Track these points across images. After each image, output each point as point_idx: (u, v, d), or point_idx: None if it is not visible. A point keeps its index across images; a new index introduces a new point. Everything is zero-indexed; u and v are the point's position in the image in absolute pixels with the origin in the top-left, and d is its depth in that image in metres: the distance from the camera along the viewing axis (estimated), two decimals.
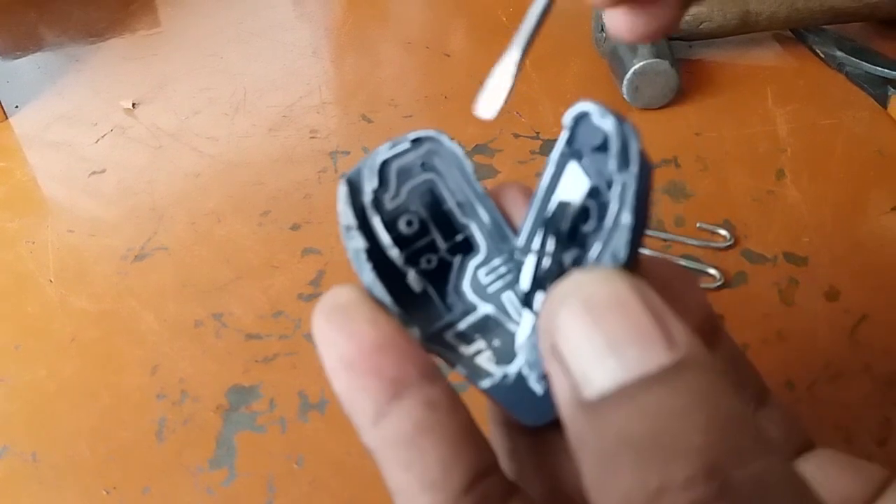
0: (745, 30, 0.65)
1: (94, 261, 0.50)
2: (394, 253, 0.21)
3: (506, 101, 0.21)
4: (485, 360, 0.20)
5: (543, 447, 0.21)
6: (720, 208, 0.51)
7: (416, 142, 0.21)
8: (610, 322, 0.15)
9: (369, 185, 0.21)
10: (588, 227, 0.19)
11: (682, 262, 0.46)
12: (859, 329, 0.42)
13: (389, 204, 0.21)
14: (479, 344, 0.20)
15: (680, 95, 0.60)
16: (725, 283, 0.45)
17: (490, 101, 0.20)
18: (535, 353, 0.19)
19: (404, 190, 0.21)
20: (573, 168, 0.20)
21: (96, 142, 0.61)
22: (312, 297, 0.46)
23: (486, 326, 0.21)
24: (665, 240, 0.48)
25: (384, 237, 0.20)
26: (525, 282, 0.20)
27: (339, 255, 0.49)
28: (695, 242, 0.48)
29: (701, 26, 0.64)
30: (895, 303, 0.44)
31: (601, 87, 0.63)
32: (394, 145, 0.21)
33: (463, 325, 0.21)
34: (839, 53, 0.63)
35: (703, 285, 0.45)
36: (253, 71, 0.69)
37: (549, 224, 0.20)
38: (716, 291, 0.45)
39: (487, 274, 0.21)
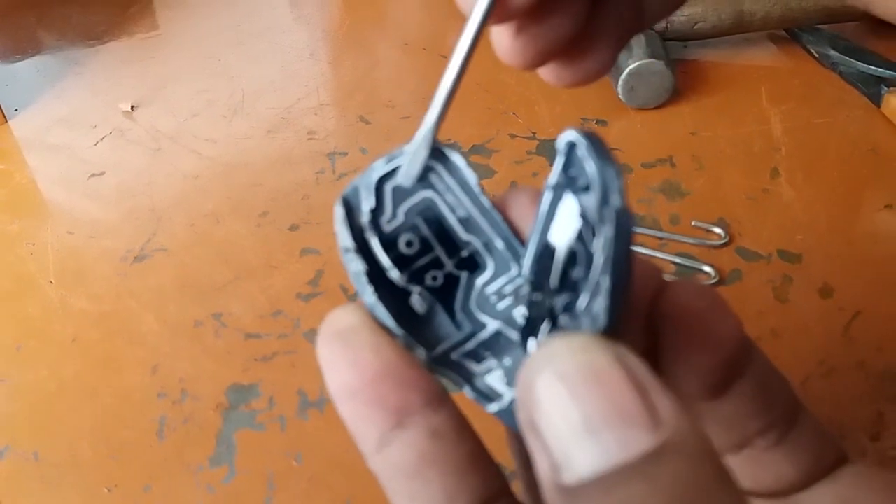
0: (739, 30, 0.65)
1: (94, 262, 0.51)
2: (394, 275, 0.20)
3: (422, 168, 0.21)
4: (496, 380, 0.19)
5: None
6: (715, 207, 0.51)
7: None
8: (587, 399, 0.14)
9: (367, 205, 0.20)
10: (576, 273, 0.18)
11: (678, 261, 0.47)
12: (853, 326, 0.43)
13: (386, 227, 0.20)
14: (490, 363, 0.19)
15: (675, 95, 0.61)
16: (720, 280, 0.46)
17: (408, 170, 0.20)
18: None
19: (401, 211, 0.20)
20: (570, 199, 0.19)
21: (95, 144, 0.62)
22: (311, 297, 0.47)
23: (497, 344, 0.20)
24: (660, 238, 0.49)
25: (383, 259, 0.20)
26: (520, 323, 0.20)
27: (337, 256, 0.49)
28: (690, 240, 0.48)
29: (695, 27, 0.64)
30: (889, 299, 0.44)
31: (597, 87, 0.63)
32: (390, 159, 0.20)
33: (472, 344, 0.20)
34: (833, 53, 0.64)
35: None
36: (251, 73, 0.70)
37: (536, 267, 0.19)
38: None
39: (496, 291, 0.20)
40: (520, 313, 0.20)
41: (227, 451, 0.39)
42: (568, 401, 0.14)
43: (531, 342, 0.19)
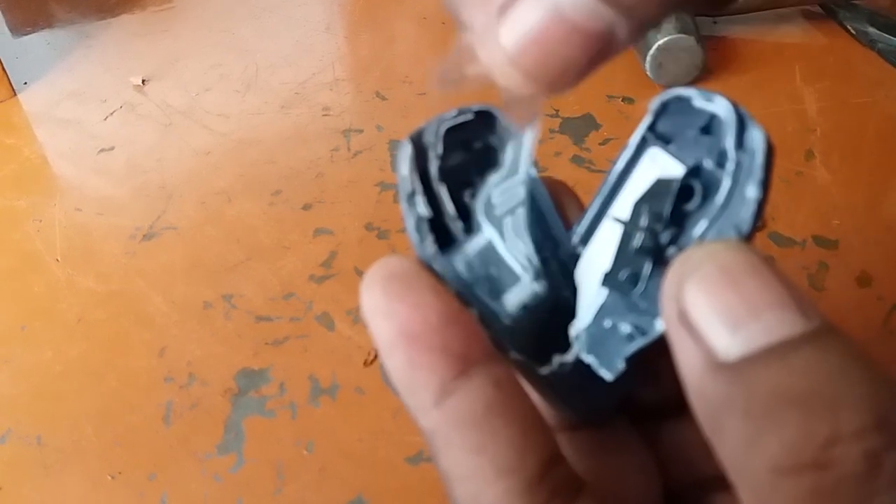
0: (772, 5, 0.63)
1: (102, 240, 0.49)
2: (457, 226, 0.19)
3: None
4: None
5: (581, 445, 0.21)
6: None
7: (480, 114, 0.20)
8: (749, 287, 0.15)
9: (434, 152, 0.19)
10: (691, 205, 0.19)
11: None
12: (893, 316, 0.41)
13: (458, 169, 0.20)
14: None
15: (705, 73, 0.58)
16: None
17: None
18: (601, 341, 0.19)
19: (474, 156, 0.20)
20: (655, 153, 0.20)
21: (105, 119, 0.60)
22: (324, 279, 0.45)
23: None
24: None
25: (449, 207, 0.19)
26: (604, 261, 0.19)
27: (351, 236, 0.48)
28: None
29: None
30: None
31: (623, 64, 0.61)
32: (460, 112, 0.20)
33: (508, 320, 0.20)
34: (871, 29, 0.61)
35: None
36: (265, 47, 0.68)
37: (645, 200, 0.19)
38: None
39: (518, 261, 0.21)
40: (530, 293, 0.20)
41: (236, 439, 0.37)
42: (729, 289, 0.15)
43: (624, 273, 0.19)
